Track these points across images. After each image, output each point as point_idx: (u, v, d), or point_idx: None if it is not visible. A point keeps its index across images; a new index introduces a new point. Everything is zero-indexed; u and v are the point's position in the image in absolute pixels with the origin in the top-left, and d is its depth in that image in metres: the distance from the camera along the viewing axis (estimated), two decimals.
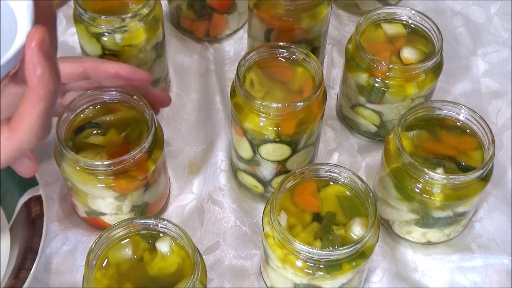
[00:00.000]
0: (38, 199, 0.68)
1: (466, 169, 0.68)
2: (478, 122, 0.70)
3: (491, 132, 0.68)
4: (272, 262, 0.64)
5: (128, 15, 0.73)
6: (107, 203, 0.69)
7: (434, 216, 0.69)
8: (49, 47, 0.46)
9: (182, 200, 0.78)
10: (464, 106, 0.71)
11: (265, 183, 0.75)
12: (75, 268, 0.71)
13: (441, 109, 0.71)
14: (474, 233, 0.76)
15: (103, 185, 0.66)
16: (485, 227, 0.76)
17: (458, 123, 0.71)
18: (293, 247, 0.60)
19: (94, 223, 0.73)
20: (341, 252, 0.59)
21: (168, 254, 0.61)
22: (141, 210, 0.72)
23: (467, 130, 0.71)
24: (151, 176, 0.69)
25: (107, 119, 0.70)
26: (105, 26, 0.74)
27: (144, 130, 0.69)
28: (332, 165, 0.65)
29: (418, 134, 0.70)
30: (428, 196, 0.66)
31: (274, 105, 0.66)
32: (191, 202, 0.77)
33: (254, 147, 0.71)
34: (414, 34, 0.78)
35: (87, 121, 0.69)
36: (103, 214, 0.71)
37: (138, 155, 0.65)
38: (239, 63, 0.69)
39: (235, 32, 0.94)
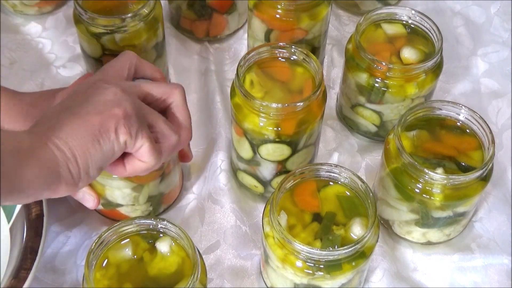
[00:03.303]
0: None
1: (466, 169, 0.68)
2: (478, 122, 0.70)
3: (491, 132, 0.68)
4: (272, 262, 0.64)
5: (128, 15, 0.73)
6: (124, 194, 0.69)
7: (434, 216, 0.69)
8: None
9: (183, 200, 0.78)
10: (464, 106, 0.71)
11: (265, 183, 0.75)
12: (75, 268, 0.71)
13: (441, 109, 0.71)
14: (474, 233, 0.76)
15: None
16: (485, 227, 0.76)
17: (458, 123, 0.71)
18: (293, 247, 0.60)
19: (110, 215, 0.74)
20: (341, 252, 0.59)
21: (168, 254, 0.61)
22: (156, 201, 0.73)
23: (467, 130, 0.71)
24: (167, 166, 0.70)
25: None
26: (105, 26, 0.74)
27: None
28: (332, 165, 0.65)
29: (418, 134, 0.70)
30: (428, 196, 0.66)
31: (274, 105, 0.66)
32: (192, 202, 0.77)
33: (254, 147, 0.71)
34: (414, 34, 0.78)
35: None
36: (120, 205, 0.71)
37: None
38: (239, 63, 0.69)
39: (235, 32, 0.94)
